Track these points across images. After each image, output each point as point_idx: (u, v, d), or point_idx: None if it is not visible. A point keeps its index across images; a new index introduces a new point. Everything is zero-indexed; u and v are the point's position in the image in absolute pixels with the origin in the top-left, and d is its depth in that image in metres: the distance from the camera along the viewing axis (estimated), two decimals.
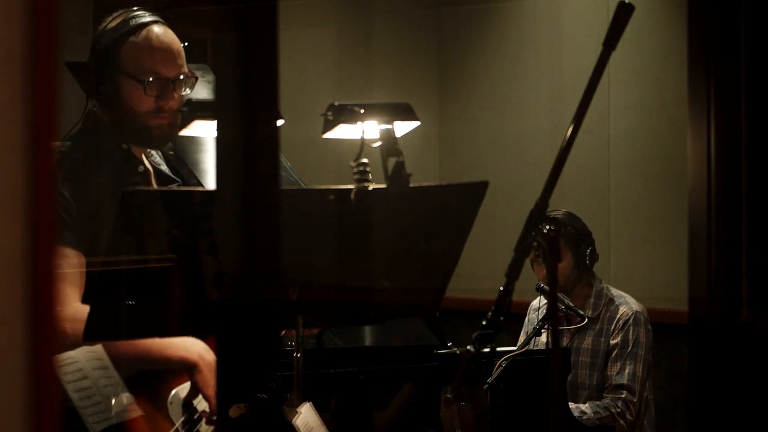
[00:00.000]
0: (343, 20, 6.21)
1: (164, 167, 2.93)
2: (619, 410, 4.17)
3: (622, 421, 4.17)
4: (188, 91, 2.81)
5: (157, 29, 2.81)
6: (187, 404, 2.70)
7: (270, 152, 2.33)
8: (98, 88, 2.79)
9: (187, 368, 2.67)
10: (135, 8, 2.83)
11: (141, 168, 2.85)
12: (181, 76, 2.79)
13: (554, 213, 4.29)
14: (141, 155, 2.86)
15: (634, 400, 4.20)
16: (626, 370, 4.23)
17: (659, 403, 4.67)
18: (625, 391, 4.21)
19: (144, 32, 2.79)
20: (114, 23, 2.80)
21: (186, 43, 2.84)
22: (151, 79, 2.77)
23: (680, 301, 3.31)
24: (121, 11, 2.83)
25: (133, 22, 2.79)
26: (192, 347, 2.67)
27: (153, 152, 2.91)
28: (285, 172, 3.25)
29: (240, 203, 2.29)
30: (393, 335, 3.37)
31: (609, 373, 4.25)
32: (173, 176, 2.95)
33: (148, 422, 2.65)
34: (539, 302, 4.43)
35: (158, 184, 2.89)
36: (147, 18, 2.81)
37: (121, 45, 2.78)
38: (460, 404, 3.09)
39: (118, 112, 2.80)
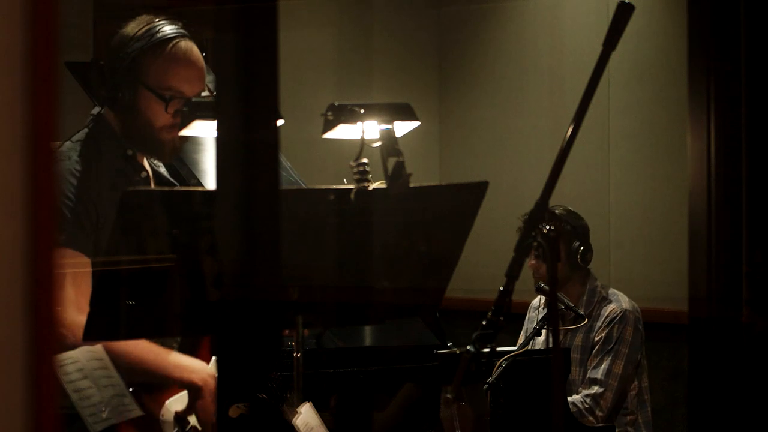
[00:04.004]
0: (343, 20, 6.21)
1: (162, 169, 2.94)
2: (587, 406, 4.19)
3: (591, 417, 4.17)
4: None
5: (184, 45, 2.77)
6: (179, 418, 2.70)
7: (270, 152, 2.33)
8: (115, 95, 2.77)
9: (190, 390, 2.68)
10: (158, 19, 2.79)
11: (143, 174, 2.85)
12: (202, 94, 2.78)
13: (554, 208, 4.29)
14: (143, 160, 2.86)
15: (605, 392, 4.20)
16: (602, 366, 4.24)
17: (659, 403, 4.68)
18: (596, 386, 4.21)
19: (171, 48, 2.76)
20: (138, 32, 2.75)
21: (204, 53, 2.82)
22: (173, 96, 2.75)
23: (680, 301, 3.31)
24: (144, 18, 2.79)
25: (159, 35, 2.75)
26: (199, 371, 2.68)
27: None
28: (285, 172, 3.25)
29: (240, 203, 2.29)
30: (393, 335, 3.37)
31: (587, 367, 4.27)
32: (171, 179, 2.95)
33: (140, 428, 2.65)
34: (539, 301, 4.44)
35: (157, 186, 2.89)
36: (173, 32, 2.77)
37: (146, 57, 2.74)
38: (460, 404, 3.10)
39: (132, 121, 2.78)
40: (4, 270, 1.04)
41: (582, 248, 4.33)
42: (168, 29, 2.77)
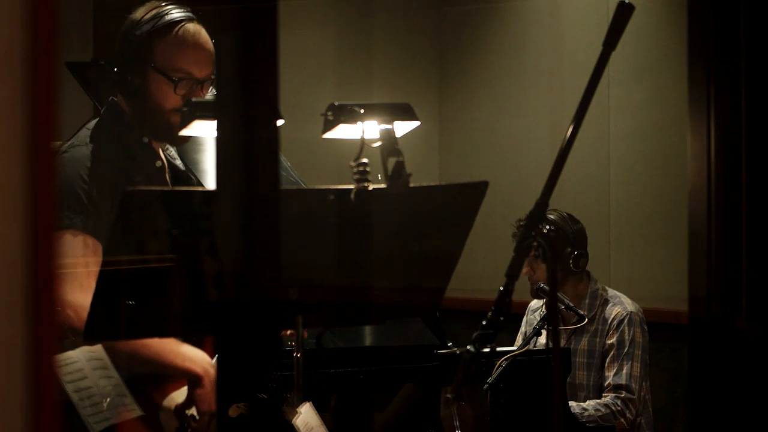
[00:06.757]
0: (343, 20, 6.21)
1: (179, 161, 2.95)
2: (619, 408, 4.19)
3: (622, 419, 4.18)
4: (215, 91, 2.81)
5: (192, 28, 2.80)
6: (179, 413, 2.71)
7: (270, 152, 2.34)
8: (126, 79, 2.79)
9: (190, 379, 2.68)
10: (166, 3, 2.82)
11: (158, 163, 2.86)
12: (211, 77, 2.80)
13: (548, 213, 4.28)
14: (159, 149, 2.87)
15: (634, 398, 4.21)
16: (624, 371, 4.23)
17: (659, 403, 4.68)
18: (624, 391, 4.22)
19: (179, 30, 2.78)
20: (147, 15, 2.78)
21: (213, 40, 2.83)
22: (182, 78, 2.77)
23: (680, 301, 3.31)
24: (151, 3, 2.81)
25: (167, 18, 2.78)
26: (200, 360, 2.68)
27: (169, 146, 2.92)
28: (285, 172, 3.25)
29: (240, 203, 2.29)
30: (393, 335, 3.37)
31: (606, 373, 4.26)
32: (187, 172, 2.96)
33: (140, 427, 2.66)
34: (537, 302, 4.43)
35: (173, 178, 2.90)
36: (181, 15, 2.80)
37: (154, 40, 2.77)
38: (460, 404, 3.10)
39: (144, 105, 2.80)
40: (4, 270, 1.04)
41: (575, 253, 4.31)
42: (175, 12, 2.79)
